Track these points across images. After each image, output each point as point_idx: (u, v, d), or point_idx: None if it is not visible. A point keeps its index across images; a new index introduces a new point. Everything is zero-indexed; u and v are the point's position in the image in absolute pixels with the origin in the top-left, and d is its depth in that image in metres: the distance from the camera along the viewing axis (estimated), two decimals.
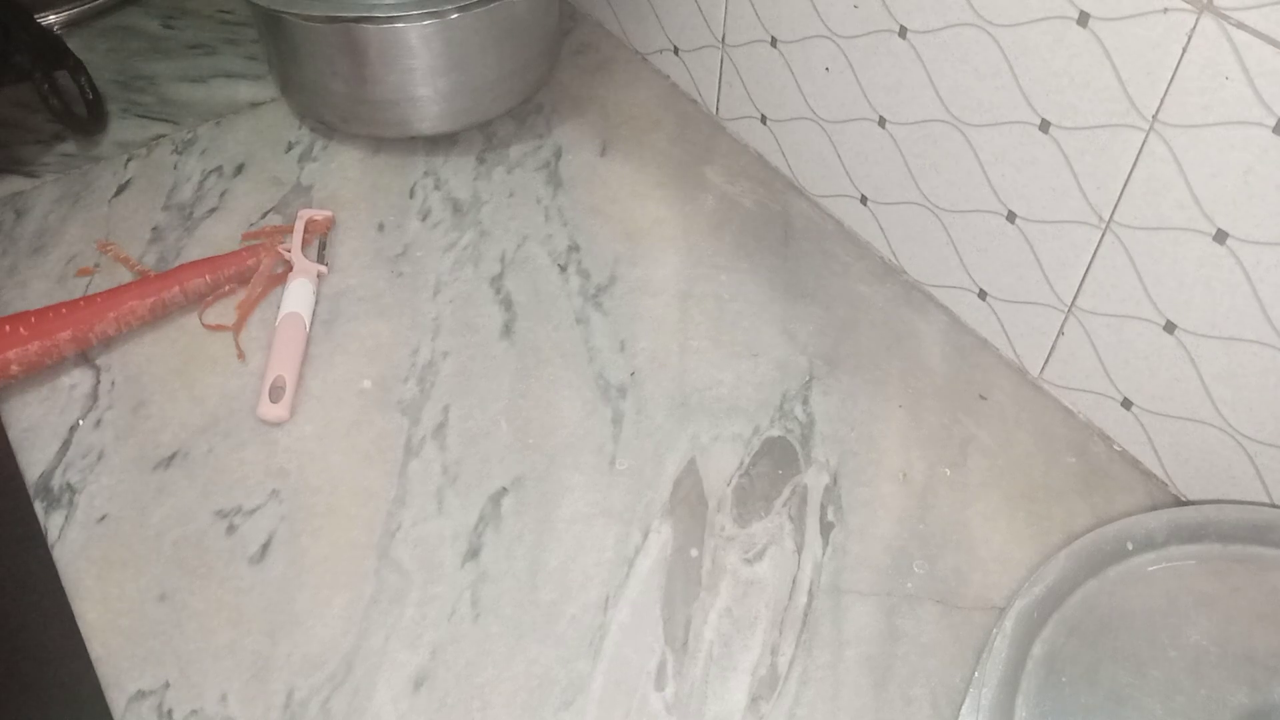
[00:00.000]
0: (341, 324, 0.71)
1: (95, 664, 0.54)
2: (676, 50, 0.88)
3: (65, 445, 0.64)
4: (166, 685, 0.53)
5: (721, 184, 0.82)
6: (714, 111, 0.87)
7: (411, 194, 0.81)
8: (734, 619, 0.57)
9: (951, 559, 0.59)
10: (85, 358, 0.68)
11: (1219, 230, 0.53)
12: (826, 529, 0.60)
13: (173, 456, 0.63)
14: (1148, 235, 0.56)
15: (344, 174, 0.82)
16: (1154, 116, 0.53)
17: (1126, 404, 0.63)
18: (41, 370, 0.67)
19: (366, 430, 0.65)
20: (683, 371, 0.69)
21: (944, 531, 0.60)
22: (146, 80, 0.91)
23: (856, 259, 0.76)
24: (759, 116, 0.82)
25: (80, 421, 0.65)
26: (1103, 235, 0.59)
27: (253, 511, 0.61)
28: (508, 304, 0.73)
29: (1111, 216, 0.58)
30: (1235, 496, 0.59)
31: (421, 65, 0.77)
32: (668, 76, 0.91)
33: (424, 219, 0.79)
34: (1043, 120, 0.59)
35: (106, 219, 0.78)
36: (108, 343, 0.69)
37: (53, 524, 0.60)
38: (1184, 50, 0.50)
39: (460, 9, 0.75)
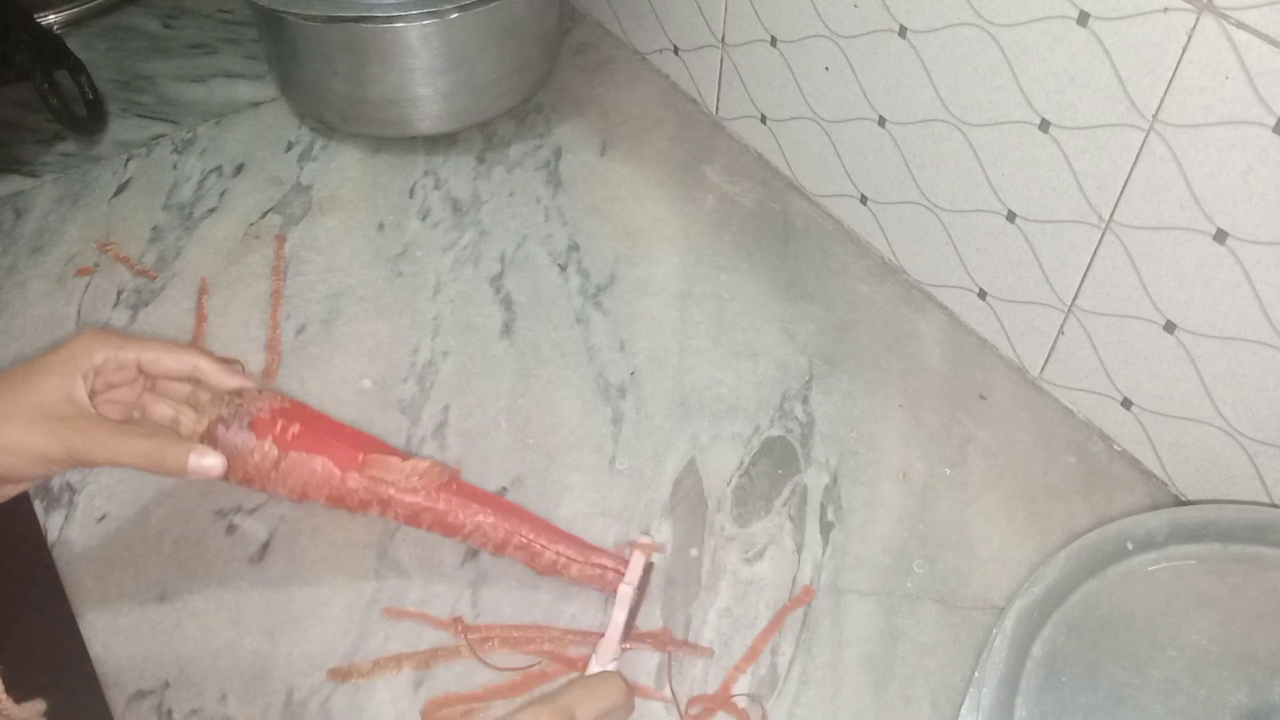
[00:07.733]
0: (341, 324, 0.71)
1: (95, 664, 0.54)
2: (676, 50, 0.88)
3: None
4: (166, 685, 0.53)
5: (721, 183, 0.82)
6: (714, 111, 0.87)
7: (411, 194, 0.81)
8: (734, 619, 0.56)
9: (951, 559, 0.59)
10: None
11: (1219, 230, 0.53)
12: (826, 529, 0.60)
13: None
14: (1148, 235, 0.56)
15: (344, 174, 0.82)
16: (1154, 116, 0.53)
17: (1126, 404, 0.62)
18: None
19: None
20: (683, 371, 0.68)
21: (944, 531, 0.60)
22: (146, 80, 0.91)
23: (856, 259, 0.76)
24: (759, 116, 0.82)
25: None
26: (1103, 235, 0.59)
27: (252, 511, 0.61)
28: (508, 304, 0.73)
29: (1111, 216, 0.58)
30: (1235, 496, 0.59)
31: (421, 65, 0.77)
32: (667, 76, 0.91)
33: (424, 218, 0.79)
34: (1043, 120, 0.59)
35: (106, 219, 0.78)
36: None
37: (53, 524, 0.60)
38: (1184, 50, 0.50)
39: (460, 9, 0.75)
